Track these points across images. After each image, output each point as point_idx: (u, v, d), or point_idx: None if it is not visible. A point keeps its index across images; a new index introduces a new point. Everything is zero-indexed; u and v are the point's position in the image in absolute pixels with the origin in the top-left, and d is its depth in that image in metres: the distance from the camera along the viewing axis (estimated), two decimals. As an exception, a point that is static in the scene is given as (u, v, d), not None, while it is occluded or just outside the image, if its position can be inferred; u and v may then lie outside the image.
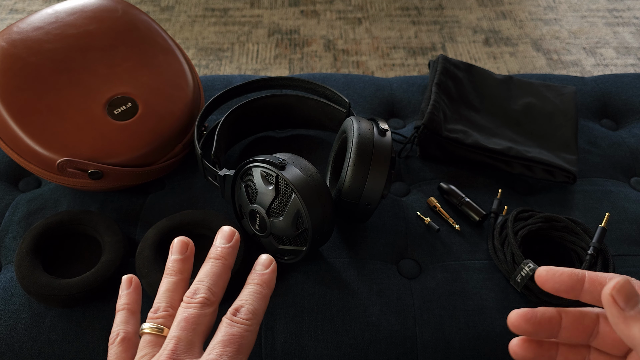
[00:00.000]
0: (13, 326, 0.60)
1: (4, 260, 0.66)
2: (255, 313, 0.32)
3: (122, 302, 0.36)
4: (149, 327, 0.33)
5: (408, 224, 0.70)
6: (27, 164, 0.66)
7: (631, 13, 1.95)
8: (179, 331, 0.31)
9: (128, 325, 0.35)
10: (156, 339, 0.32)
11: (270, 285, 0.34)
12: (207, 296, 0.32)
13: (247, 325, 0.31)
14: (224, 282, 0.34)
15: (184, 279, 0.35)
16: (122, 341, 0.34)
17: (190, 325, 0.31)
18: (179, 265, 0.35)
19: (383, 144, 0.61)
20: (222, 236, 0.36)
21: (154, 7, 1.94)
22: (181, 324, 0.31)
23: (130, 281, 0.37)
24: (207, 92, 0.86)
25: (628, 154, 0.80)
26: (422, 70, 1.71)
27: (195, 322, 0.31)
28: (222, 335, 0.31)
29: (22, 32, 0.69)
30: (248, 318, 0.31)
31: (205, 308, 0.32)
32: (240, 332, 0.31)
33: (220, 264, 0.34)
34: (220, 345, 0.30)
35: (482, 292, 0.63)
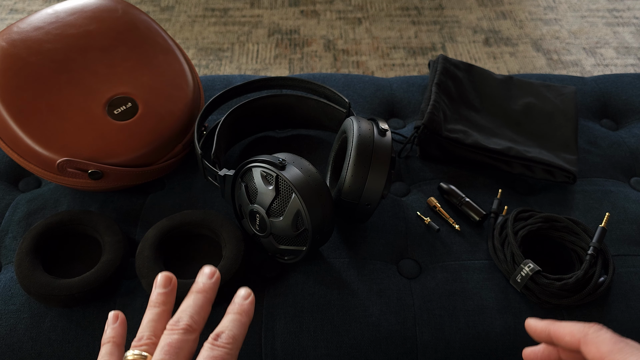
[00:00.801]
0: (13, 326, 0.60)
1: (4, 260, 0.66)
2: (235, 338, 0.34)
3: (108, 335, 0.38)
4: (133, 354, 0.34)
5: (408, 224, 0.70)
6: (27, 164, 0.66)
7: (631, 13, 1.95)
8: (163, 355, 0.33)
9: (113, 356, 0.36)
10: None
11: (249, 314, 0.36)
12: (189, 323, 0.34)
13: (227, 349, 0.33)
14: (205, 314, 0.36)
15: (167, 311, 0.37)
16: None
17: (173, 350, 0.33)
18: (163, 298, 0.37)
19: (383, 144, 0.61)
20: (203, 274, 0.38)
21: (154, 7, 1.94)
22: (165, 348, 0.33)
23: (117, 317, 0.39)
24: (207, 92, 0.86)
25: (628, 154, 0.80)
26: (422, 70, 1.71)
27: (178, 346, 0.33)
28: (203, 358, 0.32)
29: (22, 32, 0.69)
30: (228, 342, 0.33)
31: (187, 334, 0.34)
32: (221, 356, 0.32)
33: (203, 297, 0.36)
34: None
35: (482, 292, 0.63)
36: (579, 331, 0.35)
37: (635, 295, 0.63)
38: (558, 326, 0.36)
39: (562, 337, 0.36)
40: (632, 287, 0.64)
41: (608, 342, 0.33)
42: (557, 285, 0.60)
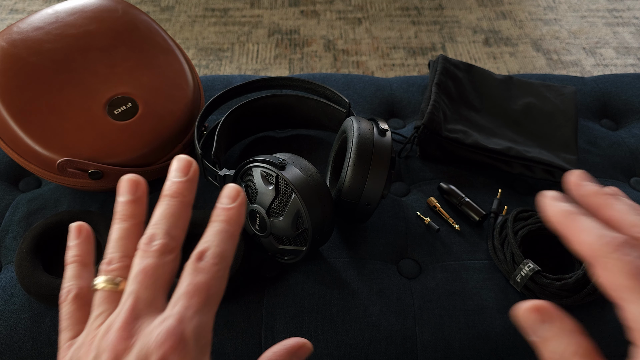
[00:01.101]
0: (13, 326, 0.60)
1: (4, 260, 0.66)
2: (223, 256, 0.27)
3: (72, 253, 0.31)
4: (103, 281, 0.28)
5: (408, 224, 0.70)
6: (27, 164, 0.66)
7: (631, 13, 1.95)
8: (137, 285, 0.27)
9: (81, 279, 0.30)
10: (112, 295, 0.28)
11: (238, 221, 0.28)
12: (165, 242, 0.28)
13: (213, 272, 0.27)
14: (184, 223, 0.29)
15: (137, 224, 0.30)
16: (75, 298, 0.30)
17: (149, 278, 0.27)
18: (131, 209, 0.30)
19: (383, 144, 0.61)
20: (177, 168, 0.29)
21: (154, 7, 1.94)
22: (139, 277, 0.27)
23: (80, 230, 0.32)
24: (207, 92, 0.86)
25: (628, 154, 0.80)
26: (422, 70, 1.71)
27: (154, 273, 0.27)
28: (185, 285, 0.26)
29: (22, 32, 0.69)
30: (215, 263, 0.27)
31: (165, 256, 0.27)
32: (206, 281, 0.26)
33: (178, 202, 0.29)
34: (184, 297, 0.26)
35: (482, 292, 0.63)
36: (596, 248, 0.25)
37: (635, 295, 0.63)
38: (574, 228, 0.26)
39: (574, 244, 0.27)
40: (632, 287, 0.64)
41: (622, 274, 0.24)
42: (557, 285, 0.60)
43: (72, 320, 0.29)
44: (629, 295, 0.24)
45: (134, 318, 0.26)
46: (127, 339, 0.26)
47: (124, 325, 0.26)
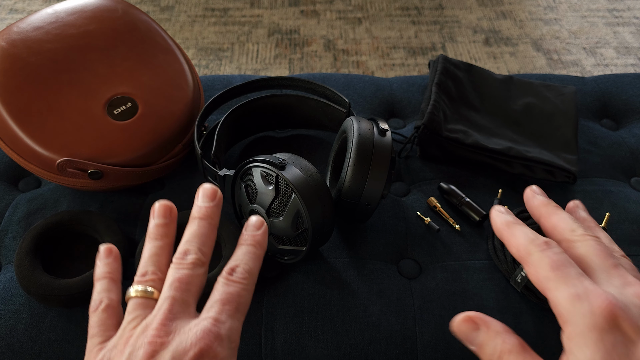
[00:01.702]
0: (13, 326, 0.60)
1: (3, 260, 0.66)
2: (251, 272, 0.31)
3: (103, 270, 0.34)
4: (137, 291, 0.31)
5: (408, 224, 0.70)
6: (26, 164, 0.66)
7: (631, 13, 1.95)
8: (173, 291, 0.30)
9: (111, 292, 0.33)
10: (146, 302, 0.31)
11: (263, 245, 0.33)
12: (198, 257, 0.32)
13: (244, 285, 0.31)
14: (212, 242, 0.33)
15: (169, 244, 0.34)
16: (107, 308, 0.32)
17: (184, 286, 0.30)
18: (163, 230, 0.34)
19: (383, 144, 0.61)
20: (204, 194, 0.34)
21: (154, 7, 1.94)
22: (174, 285, 0.30)
23: (110, 251, 0.35)
24: (207, 92, 0.86)
25: (628, 154, 0.80)
26: (422, 70, 1.71)
27: (188, 282, 0.31)
28: (219, 294, 0.30)
29: (22, 32, 0.69)
30: (244, 277, 0.31)
31: (197, 269, 0.31)
32: (237, 291, 0.30)
33: (207, 224, 0.33)
34: (219, 304, 0.30)
35: (482, 292, 0.63)
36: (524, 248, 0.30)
37: (635, 295, 0.63)
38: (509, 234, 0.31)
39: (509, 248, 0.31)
40: (632, 287, 0.64)
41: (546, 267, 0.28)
42: (557, 285, 0.60)
43: (103, 327, 0.32)
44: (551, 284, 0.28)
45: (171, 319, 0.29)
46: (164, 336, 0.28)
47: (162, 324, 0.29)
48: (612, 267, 0.28)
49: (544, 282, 0.28)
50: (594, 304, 0.26)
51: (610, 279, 0.28)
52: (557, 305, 0.27)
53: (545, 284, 0.28)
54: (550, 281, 0.28)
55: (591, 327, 0.25)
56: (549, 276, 0.28)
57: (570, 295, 0.27)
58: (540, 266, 0.28)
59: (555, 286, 0.28)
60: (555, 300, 0.27)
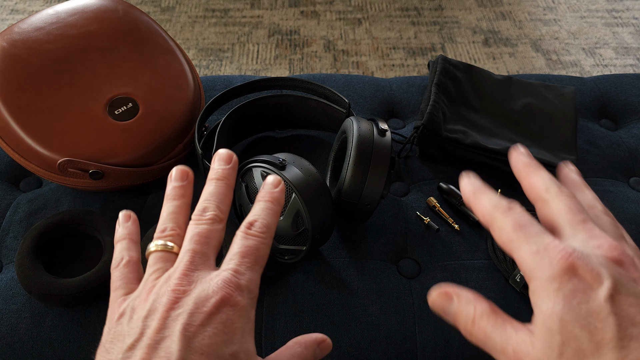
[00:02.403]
0: (14, 326, 0.60)
1: (5, 260, 0.66)
2: (269, 227, 0.32)
3: (123, 232, 0.36)
4: (158, 245, 0.33)
5: (408, 224, 0.70)
6: (28, 164, 0.66)
7: (630, 13, 1.95)
8: (194, 244, 0.31)
9: (131, 250, 0.35)
10: (167, 255, 0.32)
11: (280, 202, 0.34)
12: (216, 213, 0.33)
13: (262, 238, 0.32)
14: (229, 201, 0.34)
15: (186, 203, 0.35)
16: (128, 263, 0.34)
17: (203, 239, 0.32)
18: (181, 191, 0.35)
19: (383, 144, 0.61)
20: (220, 159, 0.35)
21: (155, 7, 1.95)
22: (195, 238, 0.31)
23: (129, 216, 0.37)
24: (208, 92, 0.86)
25: (627, 154, 0.80)
26: (421, 70, 1.71)
27: (207, 236, 0.32)
28: (238, 247, 0.31)
29: (23, 33, 0.69)
30: (263, 231, 0.32)
31: (215, 224, 0.32)
32: (256, 244, 0.31)
33: (224, 184, 0.34)
34: (238, 256, 0.31)
35: (482, 291, 0.63)
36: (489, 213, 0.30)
37: (634, 294, 0.63)
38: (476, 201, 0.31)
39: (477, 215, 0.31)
40: (631, 286, 0.64)
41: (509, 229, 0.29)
42: (556, 284, 0.60)
43: (125, 280, 0.33)
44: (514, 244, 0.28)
45: (192, 270, 0.30)
46: (187, 285, 0.30)
47: (184, 274, 0.30)
48: (580, 222, 0.29)
49: (508, 244, 0.29)
50: (552, 256, 0.27)
51: (576, 234, 0.28)
52: (521, 264, 0.28)
53: (509, 245, 0.29)
54: (513, 242, 0.28)
55: (551, 279, 0.26)
56: (512, 237, 0.29)
57: (531, 252, 0.27)
58: (503, 229, 0.29)
59: (518, 246, 0.28)
60: (520, 259, 0.28)
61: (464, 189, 0.33)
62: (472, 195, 0.32)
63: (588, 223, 0.29)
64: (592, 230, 0.28)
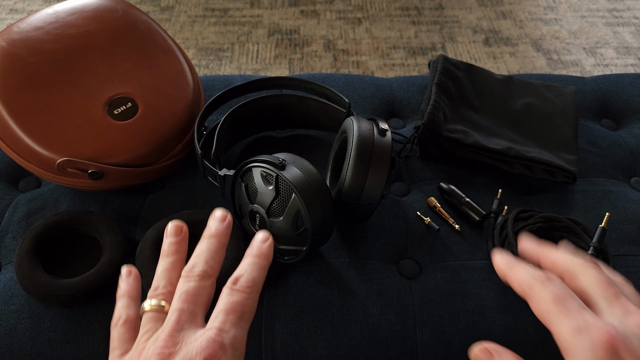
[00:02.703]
0: (13, 326, 0.60)
1: (3, 260, 0.66)
2: (255, 282, 0.33)
3: (123, 289, 0.37)
4: (150, 305, 0.34)
5: (408, 224, 0.70)
6: (27, 164, 0.66)
7: (631, 13, 1.95)
8: (181, 303, 0.32)
9: (130, 309, 0.36)
10: (158, 315, 0.33)
11: (267, 257, 0.35)
12: (205, 269, 0.33)
13: (247, 293, 0.32)
14: (220, 258, 0.35)
15: (180, 259, 0.36)
16: (125, 323, 0.35)
17: (191, 297, 0.32)
18: (175, 247, 0.36)
19: (383, 144, 0.61)
20: (215, 218, 0.37)
21: (154, 7, 1.95)
22: (182, 297, 0.32)
23: (130, 272, 0.38)
24: (207, 92, 0.86)
25: (628, 154, 0.80)
26: (422, 70, 1.71)
27: (195, 294, 0.32)
28: (223, 304, 0.32)
29: (22, 32, 0.69)
30: (248, 286, 0.32)
31: (204, 280, 0.33)
32: (241, 300, 0.32)
33: (216, 241, 0.35)
34: (222, 314, 0.31)
35: (482, 292, 0.63)
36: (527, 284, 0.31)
37: (635, 295, 0.63)
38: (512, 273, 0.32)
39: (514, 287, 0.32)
40: (632, 287, 0.64)
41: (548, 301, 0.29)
42: (557, 285, 0.60)
43: (121, 341, 0.34)
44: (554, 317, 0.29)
45: (178, 330, 0.31)
46: (172, 346, 0.30)
47: (169, 335, 0.31)
48: (614, 296, 0.29)
49: (546, 316, 0.29)
50: (594, 336, 0.27)
51: (612, 309, 0.29)
52: (559, 339, 0.28)
53: (548, 317, 0.29)
54: (552, 315, 0.29)
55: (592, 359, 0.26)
56: (552, 310, 0.29)
57: (571, 328, 0.27)
58: (542, 300, 0.29)
59: (557, 320, 0.28)
60: (558, 334, 0.28)
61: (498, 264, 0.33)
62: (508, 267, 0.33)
63: (621, 298, 0.29)
64: (627, 306, 0.29)
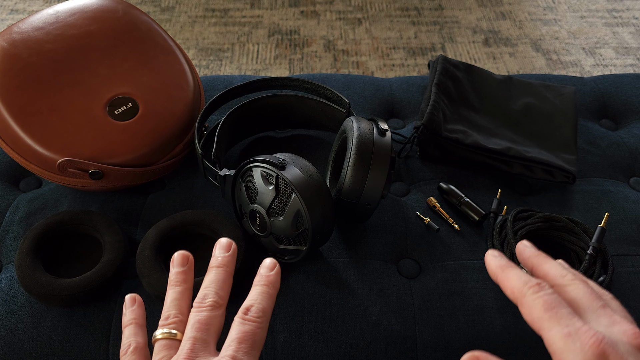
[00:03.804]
0: (14, 326, 0.60)
1: (4, 260, 0.66)
2: (265, 311, 0.34)
3: (129, 317, 0.38)
4: (162, 333, 0.35)
5: (408, 224, 0.70)
6: (27, 164, 0.66)
7: (630, 13, 1.95)
8: (194, 332, 0.33)
9: (138, 336, 0.37)
10: (171, 343, 0.34)
11: (275, 285, 0.36)
12: (215, 299, 0.35)
13: (258, 323, 0.33)
14: (228, 287, 0.36)
15: (188, 288, 0.38)
16: (135, 350, 0.35)
17: (204, 327, 0.33)
18: (183, 276, 0.38)
19: (383, 144, 0.61)
20: (220, 247, 0.38)
21: (155, 7, 1.95)
22: (195, 326, 0.33)
23: (134, 299, 0.39)
24: (208, 92, 0.86)
25: (627, 154, 0.80)
26: (421, 70, 1.71)
27: (207, 323, 0.34)
28: (236, 333, 0.33)
29: (22, 33, 0.69)
30: (259, 316, 0.34)
31: (215, 310, 0.34)
32: (252, 330, 0.33)
33: (223, 271, 0.37)
34: (235, 342, 0.32)
35: (482, 291, 0.63)
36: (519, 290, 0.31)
37: (634, 294, 0.63)
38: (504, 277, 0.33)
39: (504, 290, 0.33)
40: (631, 286, 0.64)
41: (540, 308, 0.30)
42: (557, 284, 0.60)
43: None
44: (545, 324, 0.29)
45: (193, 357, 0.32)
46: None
47: None
48: (600, 307, 0.30)
49: (537, 322, 0.30)
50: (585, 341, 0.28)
51: (599, 319, 0.30)
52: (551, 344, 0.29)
53: (539, 324, 0.30)
54: (543, 321, 0.29)
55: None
56: (543, 316, 0.30)
57: (562, 334, 0.28)
58: (533, 307, 0.30)
59: (548, 326, 0.29)
60: (549, 340, 0.29)
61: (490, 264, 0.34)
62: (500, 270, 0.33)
63: (607, 309, 0.30)
64: (613, 316, 0.30)
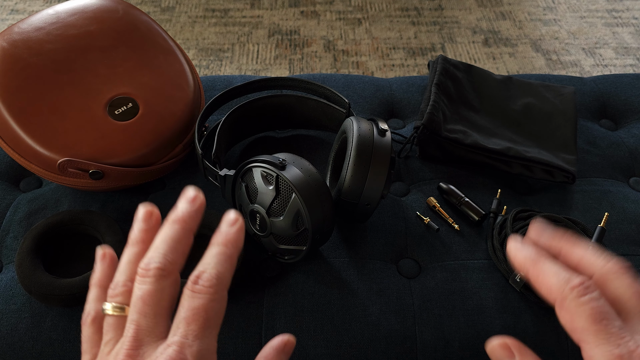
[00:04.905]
0: (14, 326, 0.60)
1: (5, 260, 0.66)
2: (220, 277, 0.28)
3: (95, 277, 0.33)
4: (110, 308, 0.30)
5: (408, 224, 0.70)
6: (28, 164, 0.66)
7: (630, 14, 1.95)
8: (137, 314, 0.28)
9: (99, 302, 0.32)
10: (118, 321, 0.29)
11: (236, 244, 0.29)
12: (161, 266, 0.28)
13: (210, 294, 0.27)
14: (184, 248, 0.30)
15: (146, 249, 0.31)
16: (93, 321, 0.31)
17: (147, 306, 0.28)
18: (142, 235, 0.31)
19: (383, 144, 0.61)
20: (184, 199, 0.31)
21: (155, 7, 1.95)
22: (138, 305, 0.28)
23: (104, 254, 0.34)
24: (208, 92, 0.86)
25: (627, 154, 0.80)
26: (421, 70, 1.71)
27: (152, 300, 0.28)
28: (184, 310, 0.27)
29: (23, 33, 0.70)
30: (211, 285, 0.27)
31: (162, 281, 0.28)
32: (203, 304, 0.27)
33: (180, 228, 0.30)
34: (183, 324, 0.27)
35: (482, 291, 0.63)
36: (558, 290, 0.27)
37: (634, 294, 0.63)
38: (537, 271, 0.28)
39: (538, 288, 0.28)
40: (630, 286, 0.64)
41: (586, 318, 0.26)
42: (556, 284, 0.60)
43: (90, 344, 0.31)
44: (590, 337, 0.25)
45: (137, 346, 0.27)
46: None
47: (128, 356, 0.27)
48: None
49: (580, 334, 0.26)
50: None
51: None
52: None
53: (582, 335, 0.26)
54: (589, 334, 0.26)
55: None
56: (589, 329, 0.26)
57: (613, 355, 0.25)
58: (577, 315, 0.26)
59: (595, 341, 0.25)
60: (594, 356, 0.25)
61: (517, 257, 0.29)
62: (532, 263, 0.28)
63: None
64: None
